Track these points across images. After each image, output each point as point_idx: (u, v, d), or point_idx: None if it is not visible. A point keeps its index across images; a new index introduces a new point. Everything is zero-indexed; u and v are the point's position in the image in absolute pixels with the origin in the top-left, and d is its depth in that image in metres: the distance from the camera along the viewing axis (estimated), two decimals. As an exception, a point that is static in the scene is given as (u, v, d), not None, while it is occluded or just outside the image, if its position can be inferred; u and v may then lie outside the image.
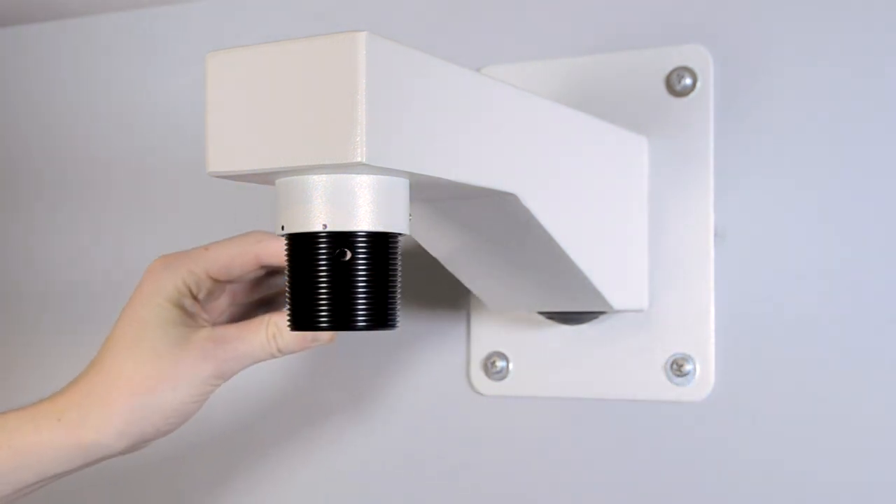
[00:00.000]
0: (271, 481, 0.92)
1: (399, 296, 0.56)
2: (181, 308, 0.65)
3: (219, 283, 0.67)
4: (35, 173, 1.03)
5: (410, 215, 0.57)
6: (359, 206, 0.53)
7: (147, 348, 0.63)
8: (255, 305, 0.71)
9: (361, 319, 0.55)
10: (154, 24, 0.99)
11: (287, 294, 0.56)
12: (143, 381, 0.63)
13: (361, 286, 0.54)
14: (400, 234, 0.56)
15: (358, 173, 0.53)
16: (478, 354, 0.84)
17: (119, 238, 0.99)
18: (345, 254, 0.54)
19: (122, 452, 0.65)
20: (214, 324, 0.67)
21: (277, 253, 0.65)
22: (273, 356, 0.65)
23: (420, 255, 0.78)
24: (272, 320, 0.65)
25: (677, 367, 0.78)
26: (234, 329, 0.65)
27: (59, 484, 0.67)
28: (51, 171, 1.03)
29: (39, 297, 1.02)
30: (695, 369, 0.78)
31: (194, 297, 0.66)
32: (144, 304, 0.64)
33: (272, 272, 0.68)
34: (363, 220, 0.54)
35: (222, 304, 0.69)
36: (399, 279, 0.56)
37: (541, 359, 0.82)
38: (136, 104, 0.99)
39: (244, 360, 0.65)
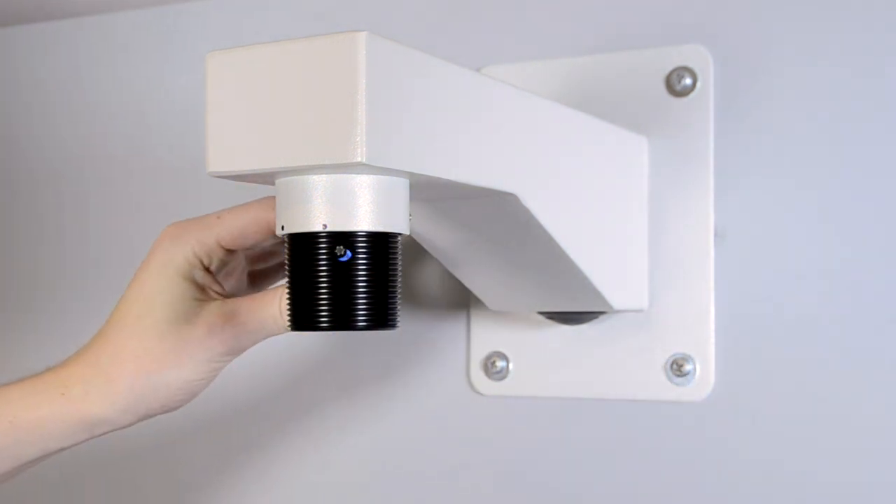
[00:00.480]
0: (270, 480, 0.92)
1: (399, 296, 0.56)
2: (191, 280, 0.62)
3: (232, 253, 0.64)
4: (37, 171, 1.03)
5: (410, 215, 0.57)
6: (359, 206, 0.53)
7: (152, 324, 0.61)
8: (272, 273, 0.68)
9: (361, 319, 0.55)
10: (154, 25, 0.99)
11: (287, 294, 0.56)
12: (147, 358, 0.61)
13: (361, 286, 0.54)
14: (400, 234, 0.56)
15: (358, 173, 0.53)
16: (478, 354, 0.84)
17: (123, 235, 0.99)
18: (343, 251, 0.54)
19: (128, 426, 0.63)
20: (228, 294, 0.64)
21: None
22: (287, 330, 0.61)
23: (420, 255, 0.78)
24: (286, 292, 0.61)
25: (677, 367, 0.78)
26: (245, 302, 0.62)
27: (58, 459, 0.66)
28: (52, 169, 1.03)
29: (43, 289, 1.02)
30: (695, 369, 0.78)
31: (206, 269, 0.63)
32: (152, 276, 0.62)
33: None
34: (363, 220, 0.54)
35: (237, 273, 0.66)
36: (399, 279, 0.56)
37: (541, 359, 0.82)
38: (135, 104, 0.99)
39: (256, 336, 0.62)
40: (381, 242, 0.55)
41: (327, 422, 0.90)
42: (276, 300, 0.61)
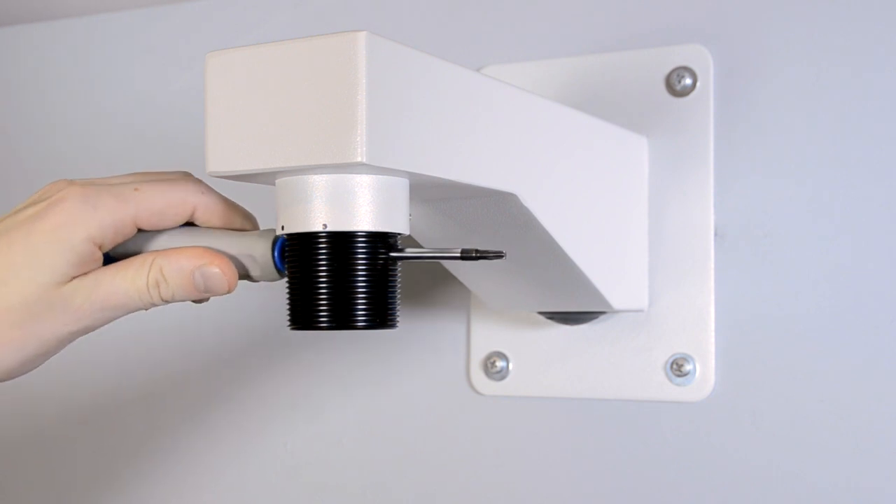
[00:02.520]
0: (269, 480, 0.92)
1: (399, 296, 0.56)
2: (77, 256, 0.54)
3: (140, 231, 0.56)
4: (37, 171, 1.03)
5: (410, 215, 0.57)
6: (359, 206, 0.53)
7: (4, 297, 0.54)
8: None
9: (361, 319, 0.55)
10: (154, 24, 0.99)
11: (287, 293, 0.56)
12: None
13: (361, 286, 0.54)
14: (400, 234, 0.56)
15: (358, 173, 0.53)
16: (478, 354, 0.84)
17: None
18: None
19: None
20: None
21: (214, 211, 0.57)
22: (154, 305, 0.56)
23: (420, 255, 0.77)
24: (155, 263, 0.55)
25: (677, 367, 0.78)
26: (108, 274, 0.54)
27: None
28: (52, 169, 1.02)
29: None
30: (695, 369, 0.78)
31: (100, 248, 0.55)
32: (33, 237, 0.54)
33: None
34: (363, 220, 0.54)
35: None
36: (399, 279, 0.56)
37: (541, 359, 0.82)
38: (135, 104, 0.99)
39: (117, 312, 0.55)
40: (382, 242, 0.55)
41: (327, 422, 0.90)
42: (144, 271, 0.55)
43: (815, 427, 0.75)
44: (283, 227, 0.55)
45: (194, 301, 0.58)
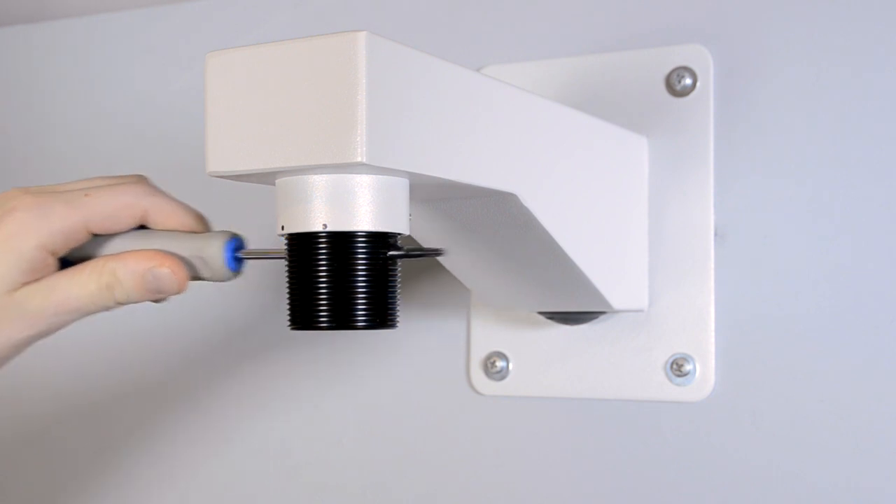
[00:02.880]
0: (269, 481, 0.92)
1: (399, 295, 0.56)
2: (28, 264, 0.55)
3: (94, 237, 0.57)
4: (37, 171, 1.03)
5: (410, 215, 0.57)
6: (359, 206, 0.53)
7: None
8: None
9: (361, 319, 0.55)
10: (154, 24, 0.99)
11: (287, 293, 0.56)
12: None
13: (361, 286, 0.54)
14: (400, 234, 0.56)
15: (358, 173, 0.53)
16: (478, 354, 0.84)
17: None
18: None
19: None
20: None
21: (165, 213, 0.58)
22: (108, 308, 0.57)
23: (420, 255, 0.77)
24: (107, 267, 0.56)
25: (677, 367, 0.78)
26: (62, 279, 0.56)
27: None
28: (52, 169, 1.03)
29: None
30: (695, 369, 0.78)
31: (53, 254, 0.56)
32: None
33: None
34: (363, 220, 0.54)
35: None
36: (399, 279, 0.56)
37: (541, 359, 0.82)
38: (135, 104, 0.99)
39: (72, 315, 0.57)
40: (381, 242, 0.55)
41: (327, 422, 0.90)
42: (95, 276, 0.56)
43: (815, 427, 0.75)
44: (282, 227, 0.55)
45: (153, 301, 0.58)
